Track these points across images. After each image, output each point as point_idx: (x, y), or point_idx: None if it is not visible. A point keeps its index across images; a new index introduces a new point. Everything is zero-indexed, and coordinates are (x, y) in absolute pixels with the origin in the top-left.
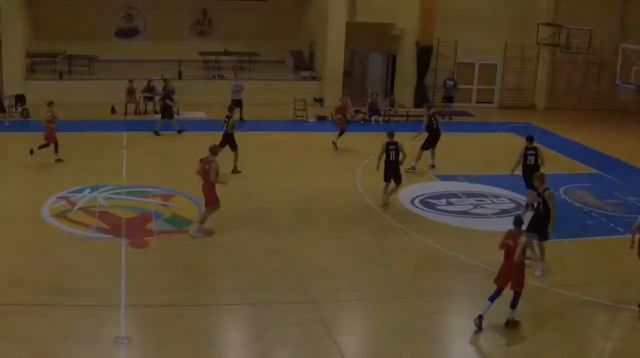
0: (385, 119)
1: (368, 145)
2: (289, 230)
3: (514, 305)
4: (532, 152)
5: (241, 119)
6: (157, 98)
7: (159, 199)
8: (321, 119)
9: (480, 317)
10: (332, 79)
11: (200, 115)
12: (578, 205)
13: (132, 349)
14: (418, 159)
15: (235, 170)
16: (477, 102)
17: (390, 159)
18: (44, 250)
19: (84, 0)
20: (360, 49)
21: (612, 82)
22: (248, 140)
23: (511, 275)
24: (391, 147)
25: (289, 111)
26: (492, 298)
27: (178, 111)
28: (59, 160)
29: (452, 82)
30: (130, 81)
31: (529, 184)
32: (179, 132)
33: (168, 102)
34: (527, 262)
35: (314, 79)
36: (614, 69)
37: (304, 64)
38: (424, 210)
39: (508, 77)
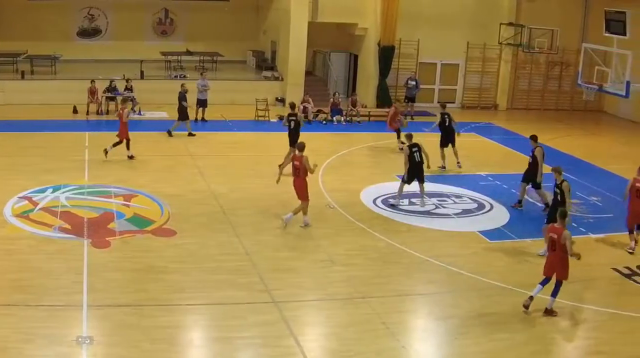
0: (348, 118)
1: (330, 145)
2: (252, 230)
3: (555, 293)
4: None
5: (203, 119)
6: (119, 98)
7: (121, 199)
8: (281, 119)
9: (530, 298)
10: (294, 79)
11: (162, 115)
12: (540, 205)
13: (94, 349)
14: (443, 157)
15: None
16: (439, 102)
17: (416, 160)
18: (5, 250)
19: (46, 0)
20: (322, 48)
21: (574, 82)
22: (210, 140)
23: (555, 266)
24: (415, 149)
25: (251, 111)
26: (542, 283)
27: (140, 111)
28: (131, 157)
29: (414, 82)
30: (92, 81)
31: (535, 184)
32: (190, 134)
33: (184, 103)
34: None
35: (276, 79)
36: (576, 69)
37: (266, 64)
38: (386, 210)
39: (470, 77)
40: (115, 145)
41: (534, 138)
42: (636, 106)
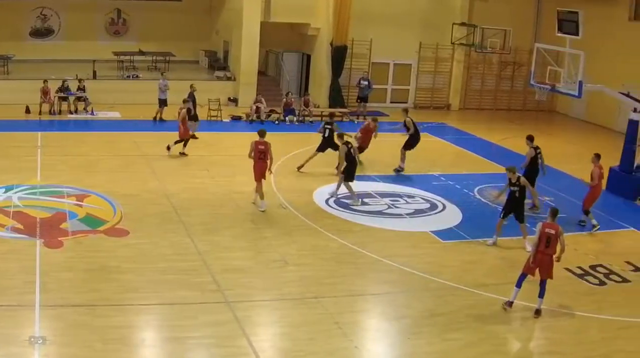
0: (300, 118)
1: (283, 145)
2: (204, 230)
3: (542, 294)
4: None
5: (161, 119)
6: (71, 98)
7: (73, 199)
8: (235, 119)
9: (510, 304)
10: (246, 79)
11: (115, 115)
12: (493, 205)
13: (46, 349)
14: (403, 159)
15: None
16: (392, 102)
17: (352, 156)
18: None
19: None
20: (275, 48)
21: (526, 82)
22: (164, 140)
23: (545, 265)
24: (350, 146)
25: (203, 111)
26: (519, 285)
27: (93, 111)
28: (182, 154)
29: (366, 82)
30: (45, 81)
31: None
32: (192, 137)
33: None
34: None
35: (229, 79)
36: (529, 69)
37: (219, 64)
38: (338, 210)
39: (423, 77)
40: (177, 142)
41: (530, 138)
42: (588, 106)
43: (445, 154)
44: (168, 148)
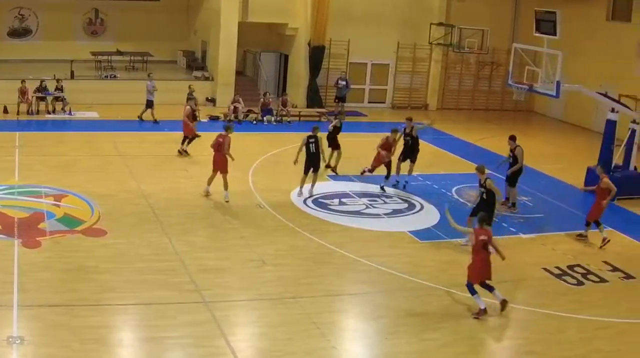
0: (278, 119)
1: (261, 145)
2: (182, 230)
3: (491, 290)
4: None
5: (140, 118)
6: (49, 98)
7: (51, 199)
8: (213, 119)
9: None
10: (224, 79)
11: (93, 115)
12: (470, 205)
13: (24, 349)
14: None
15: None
16: (370, 102)
17: (311, 151)
18: None
19: None
20: (252, 48)
21: (504, 82)
22: (141, 140)
23: (484, 267)
24: (311, 140)
25: (181, 111)
26: (490, 289)
27: (70, 111)
28: (183, 152)
29: (344, 82)
30: (23, 81)
31: (512, 182)
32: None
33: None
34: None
35: (207, 79)
36: (507, 69)
37: (197, 63)
38: (316, 210)
39: (400, 77)
40: (187, 142)
41: (513, 138)
42: (566, 106)
43: (422, 154)
44: (183, 151)
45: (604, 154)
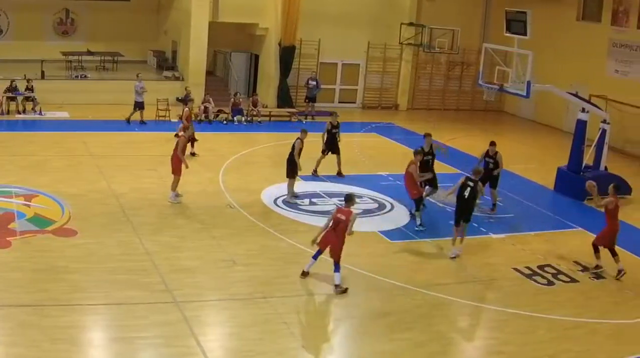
0: (248, 119)
1: (231, 145)
2: (152, 230)
3: (337, 269)
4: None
5: (128, 120)
6: (19, 98)
7: (21, 199)
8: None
9: (304, 273)
10: (194, 79)
11: (63, 115)
12: (441, 205)
13: None
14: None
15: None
16: (340, 102)
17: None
18: None
19: None
20: (223, 48)
21: (474, 82)
22: (111, 140)
23: (329, 241)
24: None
25: (151, 111)
26: (314, 256)
27: (41, 111)
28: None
29: (314, 82)
30: None
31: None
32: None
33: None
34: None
35: (177, 79)
36: (477, 69)
37: (167, 64)
38: (286, 210)
39: (371, 77)
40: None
41: (493, 144)
42: (537, 106)
43: (393, 154)
44: (192, 153)
45: (574, 153)
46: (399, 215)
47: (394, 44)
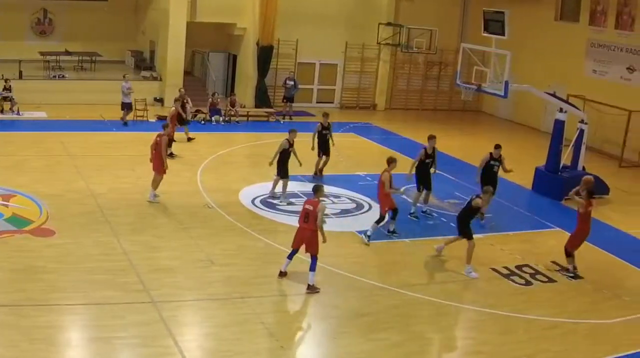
0: (226, 119)
1: (209, 145)
2: (130, 230)
3: (312, 268)
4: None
5: (125, 123)
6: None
7: None
8: (161, 119)
9: (282, 273)
10: (172, 79)
11: (41, 115)
12: (418, 205)
13: None
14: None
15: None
16: (318, 102)
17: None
18: None
19: None
20: (201, 48)
21: (452, 82)
22: (89, 140)
23: (304, 238)
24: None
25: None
26: (289, 256)
27: (19, 111)
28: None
29: (292, 82)
30: None
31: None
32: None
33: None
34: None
35: (155, 79)
36: (455, 69)
37: (145, 64)
38: (264, 210)
39: (349, 77)
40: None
41: (499, 146)
42: (515, 106)
43: (371, 154)
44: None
45: (552, 153)
46: (377, 216)
47: (371, 44)
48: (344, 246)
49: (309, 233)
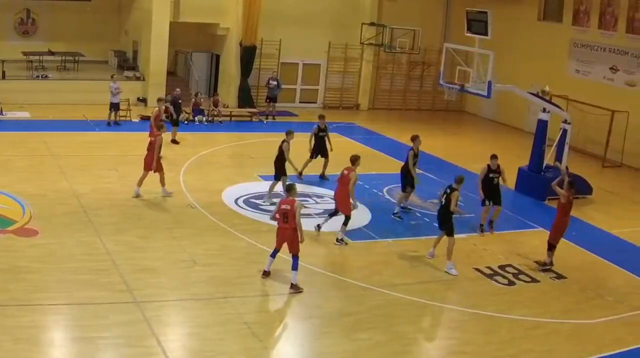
0: (209, 119)
1: (192, 145)
2: (114, 230)
3: (294, 267)
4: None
5: (116, 122)
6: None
7: None
8: (145, 119)
9: (265, 273)
10: (155, 79)
11: (24, 115)
12: (401, 205)
13: None
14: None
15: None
16: (301, 102)
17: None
18: None
19: None
20: (184, 48)
21: (435, 82)
22: (73, 140)
23: (285, 237)
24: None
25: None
26: (272, 255)
27: (2, 111)
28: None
29: (275, 82)
30: None
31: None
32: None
33: (171, 109)
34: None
35: (138, 79)
36: (438, 69)
37: (128, 64)
38: (247, 210)
39: (332, 77)
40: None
41: (496, 157)
42: (498, 106)
43: (354, 154)
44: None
45: (535, 153)
46: (360, 216)
47: (355, 44)
48: (327, 246)
49: (289, 233)
